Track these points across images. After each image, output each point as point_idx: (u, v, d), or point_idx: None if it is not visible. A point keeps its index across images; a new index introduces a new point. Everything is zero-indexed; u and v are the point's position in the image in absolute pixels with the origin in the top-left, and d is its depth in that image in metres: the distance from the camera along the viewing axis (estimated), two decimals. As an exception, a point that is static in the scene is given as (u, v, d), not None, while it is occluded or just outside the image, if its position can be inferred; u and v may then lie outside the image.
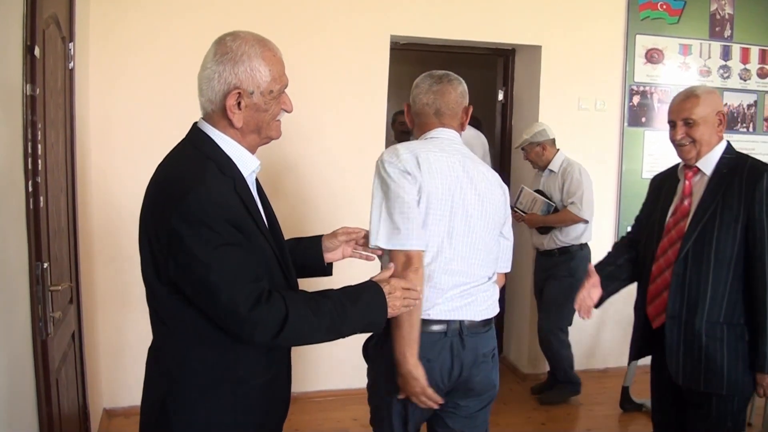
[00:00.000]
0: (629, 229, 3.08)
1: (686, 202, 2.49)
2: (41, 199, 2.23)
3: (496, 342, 2.28)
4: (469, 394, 2.17)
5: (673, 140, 2.50)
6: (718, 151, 2.46)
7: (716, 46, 4.91)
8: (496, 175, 2.30)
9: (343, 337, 1.71)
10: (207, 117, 1.70)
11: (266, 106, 1.67)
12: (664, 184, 2.67)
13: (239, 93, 1.62)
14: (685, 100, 2.46)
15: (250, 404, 1.68)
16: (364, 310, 1.73)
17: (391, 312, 1.79)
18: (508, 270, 2.37)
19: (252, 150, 1.73)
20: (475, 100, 6.37)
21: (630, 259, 2.81)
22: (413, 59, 5.24)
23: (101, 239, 3.81)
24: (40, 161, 2.21)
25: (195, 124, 1.74)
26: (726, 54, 4.93)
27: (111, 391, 3.91)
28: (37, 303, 2.15)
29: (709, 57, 4.90)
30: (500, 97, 5.08)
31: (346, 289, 1.75)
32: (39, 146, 2.21)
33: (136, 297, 3.88)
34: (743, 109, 5.02)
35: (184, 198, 1.51)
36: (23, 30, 2.10)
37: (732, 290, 2.36)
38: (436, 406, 2.06)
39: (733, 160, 2.43)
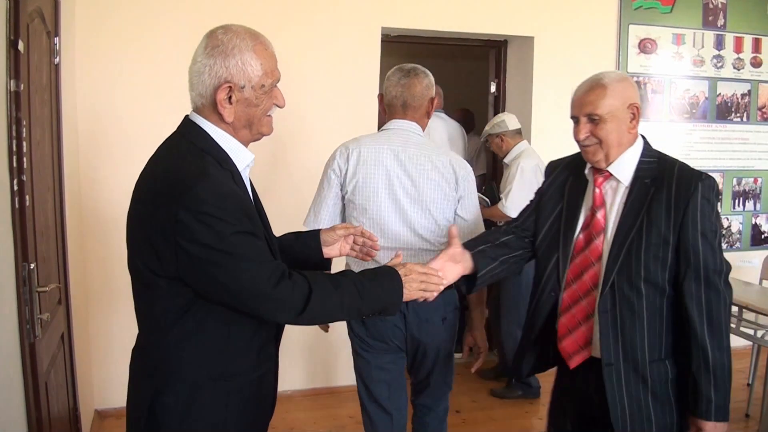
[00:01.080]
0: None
1: (599, 216, 2.04)
2: (27, 198, 2.17)
3: (447, 308, 2.54)
4: (423, 352, 2.56)
5: (576, 140, 2.08)
6: (633, 153, 2.02)
7: (709, 36, 4.87)
8: (446, 160, 2.52)
9: (361, 316, 1.76)
10: (198, 111, 1.67)
11: (257, 101, 1.63)
12: (567, 182, 2.23)
13: (230, 87, 1.59)
14: (589, 91, 2.03)
15: (241, 402, 1.65)
16: (381, 291, 1.71)
17: (407, 295, 1.77)
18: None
19: (245, 145, 1.69)
20: (467, 92, 6.35)
21: (507, 243, 2.26)
22: (404, 52, 5.19)
23: (91, 237, 3.74)
24: (25, 159, 2.16)
25: (187, 116, 1.71)
26: (719, 43, 4.90)
27: (102, 392, 3.84)
28: (24, 305, 2.09)
29: (703, 46, 4.86)
30: (492, 89, 5.03)
31: (363, 271, 1.75)
32: (24, 144, 2.15)
33: (127, 295, 3.80)
34: (737, 98, 4.99)
35: (190, 190, 1.48)
36: (6, 24, 2.04)
37: (669, 322, 1.97)
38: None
39: (655, 166, 1.99)
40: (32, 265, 2.13)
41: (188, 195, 1.47)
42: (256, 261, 1.53)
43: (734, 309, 3.69)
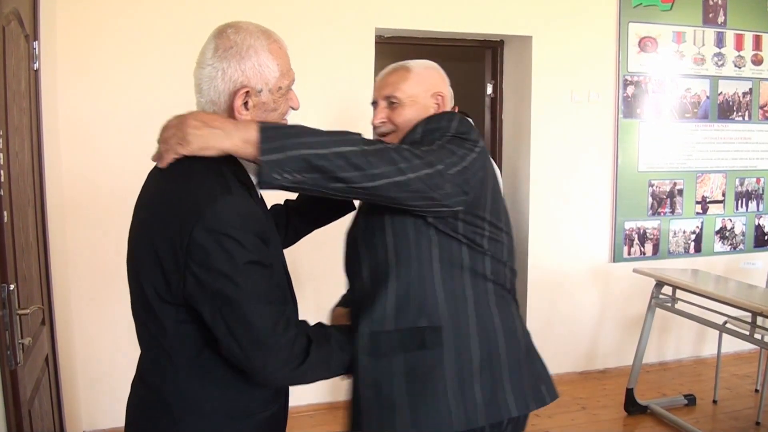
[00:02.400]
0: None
1: None
2: (5, 213, 2.02)
3: None
4: None
5: (372, 125, 1.86)
6: None
7: (710, 33, 4.77)
8: None
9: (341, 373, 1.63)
10: None
11: (275, 105, 1.50)
12: None
13: (247, 91, 1.44)
14: (391, 73, 1.84)
15: None
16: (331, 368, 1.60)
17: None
18: None
19: None
20: (462, 94, 6.16)
21: None
22: (399, 53, 5.06)
23: (76, 253, 3.59)
24: (2, 172, 2.01)
25: None
26: (720, 41, 4.80)
27: (90, 413, 3.69)
28: (4, 329, 1.95)
29: (703, 44, 4.76)
30: (489, 90, 4.91)
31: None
32: (1, 155, 2.01)
33: (114, 313, 3.68)
34: (738, 97, 4.89)
35: (208, 208, 1.32)
36: (-21, 26, 1.88)
37: None
38: None
39: None
40: (12, 287, 1.99)
41: (205, 214, 1.32)
42: (261, 303, 1.36)
43: (745, 314, 3.59)
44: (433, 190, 1.50)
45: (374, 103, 1.85)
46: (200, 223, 1.31)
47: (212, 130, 1.38)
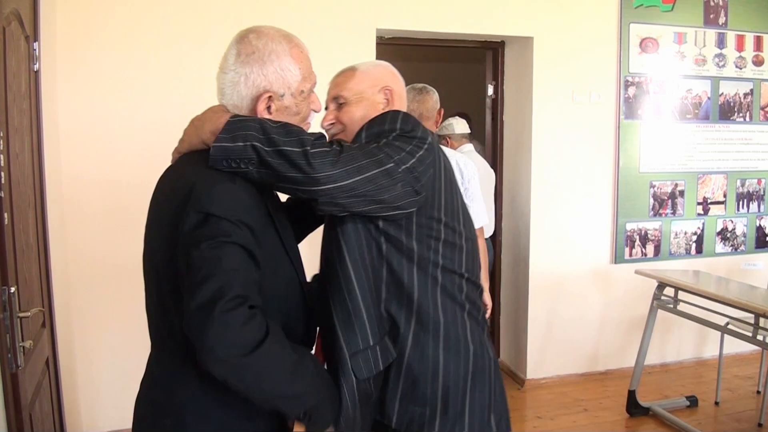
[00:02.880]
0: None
1: None
2: (6, 215, 2.01)
3: None
4: None
5: (321, 128, 1.78)
6: None
7: (711, 34, 4.76)
8: (453, 161, 2.94)
9: (300, 408, 1.40)
10: None
11: (297, 108, 1.51)
12: None
13: (270, 96, 1.46)
14: (338, 75, 1.79)
15: None
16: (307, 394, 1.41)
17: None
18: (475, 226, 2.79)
19: None
20: (463, 95, 6.19)
21: None
22: (399, 54, 5.05)
23: (76, 255, 3.57)
24: (3, 173, 2.00)
25: None
26: (721, 42, 4.79)
27: (90, 415, 3.67)
28: (5, 332, 1.93)
29: (704, 45, 4.75)
30: (490, 91, 4.90)
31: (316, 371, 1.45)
32: (1, 157, 1.99)
33: (114, 316, 3.68)
34: (740, 98, 4.88)
35: (207, 191, 1.33)
36: (-21, 26, 1.87)
37: None
38: None
39: None
40: (12, 289, 1.97)
41: (202, 196, 1.33)
42: (227, 279, 1.25)
43: (747, 315, 3.58)
44: (382, 192, 1.43)
45: (326, 106, 1.80)
46: (195, 206, 1.32)
47: (194, 127, 1.46)
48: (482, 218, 3.23)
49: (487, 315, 3.27)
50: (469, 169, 3.18)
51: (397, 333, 1.58)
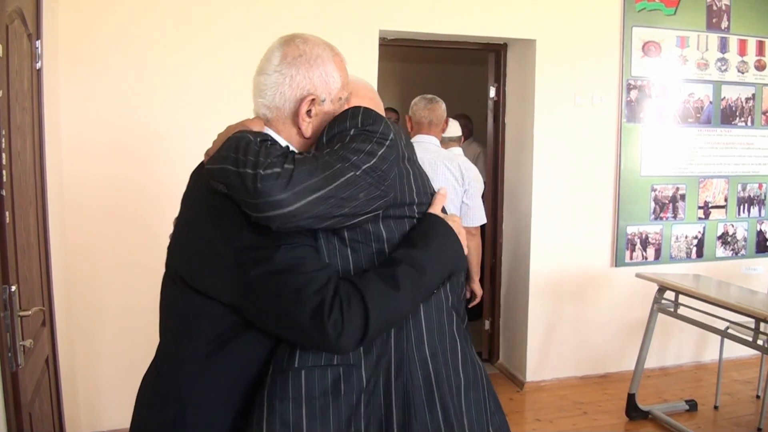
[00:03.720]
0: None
1: None
2: (7, 214, 2.00)
3: None
4: None
5: None
6: None
7: (713, 38, 4.76)
8: (455, 164, 3.54)
9: (432, 293, 1.47)
10: (268, 123, 1.53)
11: (335, 114, 1.51)
12: None
13: (313, 99, 1.47)
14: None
15: None
16: (441, 255, 1.46)
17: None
18: (475, 224, 3.60)
19: None
20: (465, 97, 6.22)
21: None
22: (402, 56, 5.06)
23: (77, 254, 3.56)
24: (4, 172, 1.99)
25: None
26: (723, 46, 4.79)
27: (89, 415, 3.66)
28: (5, 331, 1.92)
29: (707, 49, 4.75)
30: (492, 93, 4.90)
31: (413, 238, 1.46)
32: (3, 155, 1.99)
33: (115, 314, 3.67)
34: (741, 102, 4.88)
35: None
36: (-18, 25, 1.87)
37: None
38: None
39: None
40: (13, 288, 1.97)
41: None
42: (313, 284, 1.31)
43: (747, 319, 3.58)
44: (342, 206, 1.33)
45: None
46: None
47: (222, 136, 1.49)
48: (482, 217, 3.64)
49: (474, 303, 3.74)
50: (470, 172, 3.56)
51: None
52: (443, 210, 1.57)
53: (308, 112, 1.48)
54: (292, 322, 1.33)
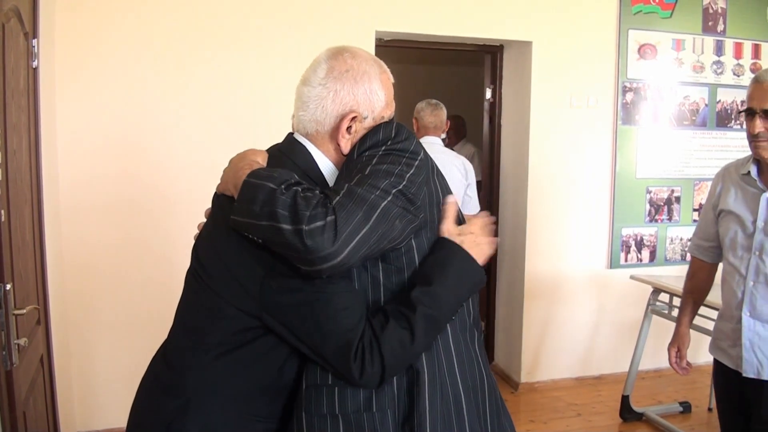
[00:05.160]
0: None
1: None
2: (2, 212, 2.00)
3: None
4: None
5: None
6: None
7: (709, 41, 4.78)
8: (460, 161, 3.90)
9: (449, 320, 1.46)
10: (306, 136, 1.50)
11: None
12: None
13: (354, 117, 1.44)
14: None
15: None
16: (459, 284, 1.44)
17: (482, 261, 1.49)
18: (473, 213, 3.53)
19: None
20: (461, 98, 6.24)
21: None
22: (398, 56, 5.06)
23: (72, 253, 3.56)
24: (0, 170, 2.00)
25: (292, 136, 1.54)
26: (719, 49, 4.81)
27: (84, 414, 3.65)
28: (0, 330, 1.91)
29: (702, 52, 4.77)
30: (488, 95, 4.91)
31: (429, 273, 1.42)
32: (-1, 153, 1.98)
33: (109, 313, 3.67)
34: (737, 105, 4.90)
35: None
36: (-21, 23, 1.87)
37: None
38: None
39: None
40: (8, 286, 1.96)
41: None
42: (343, 329, 1.33)
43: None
44: (382, 239, 1.31)
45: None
46: None
47: (227, 174, 1.48)
48: (477, 206, 4.02)
49: None
50: (471, 171, 3.96)
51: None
52: (458, 215, 1.54)
53: (348, 128, 1.45)
54: (319, 353, 1.36)
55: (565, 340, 4.71)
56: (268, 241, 1.29)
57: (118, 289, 3.67)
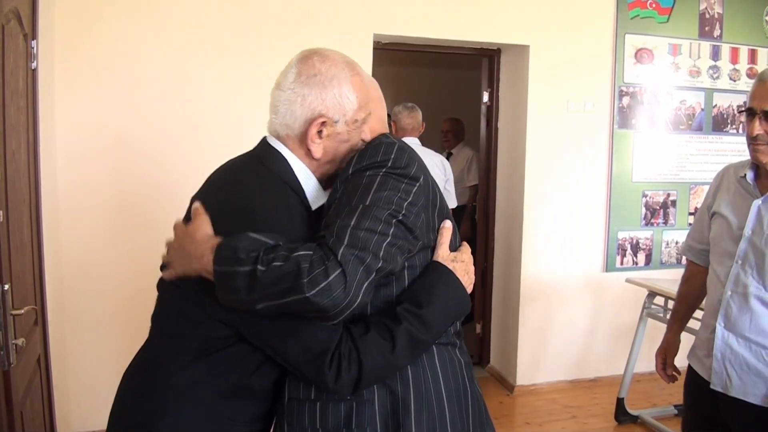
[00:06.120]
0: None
1: None
2: (1, 212, 2.01)
3: None
4: None
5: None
6: None
7: (706, 46, 4.80)
8: (438, 159, 4.37)
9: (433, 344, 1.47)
10: (279, 139, 1.51)
11: (348, 136, 1.49)
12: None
13: (324, 121, 1.44)
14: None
15: None
16: (446, 308, 1.45)
17: (469, 290, 1.51)
18: (452, 206, 4.23)
19: (322, 179, 1.53)
20: (458, 101, 6.28)
21: None
22: (396, 60, 5.09)
23: (70, 253, 3.56)
24: (-1, 171, 2.00)
25: (266, 141, 1.53)
26: (715, 54, 4.83)
27: (81, 414, 3.66)
28: (-2, 330, 1.93)
29: (699, 57, 4.79)
30: (485, 98, 4.92)
31: (418, 293, 1.43)
32: (-2, 154, 2.00)
33: (107, 314, 3.67)
34: (733, 110, 4.92)
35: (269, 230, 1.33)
36: (-21, 24, 1.88)
37: None
38: None
39: None
40: (6, 286, 1.97)
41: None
42: (313, 340, 1.34)
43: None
44: (388, 262, 1.32)
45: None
46: None
47: (181, 255, 1.41)
48: (455, 199, 4.52)
49: None
50: (449, 167, 4.44)
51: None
52: (453, 239, 1.54)
53: (319, 132, 1.45)
54: (292, 360, 1.36)
55: (560, 343, 4.72)
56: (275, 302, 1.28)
57: (115, 290, 3.67)
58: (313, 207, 1.49)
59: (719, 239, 2.25)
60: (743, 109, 2.13)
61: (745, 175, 2.20)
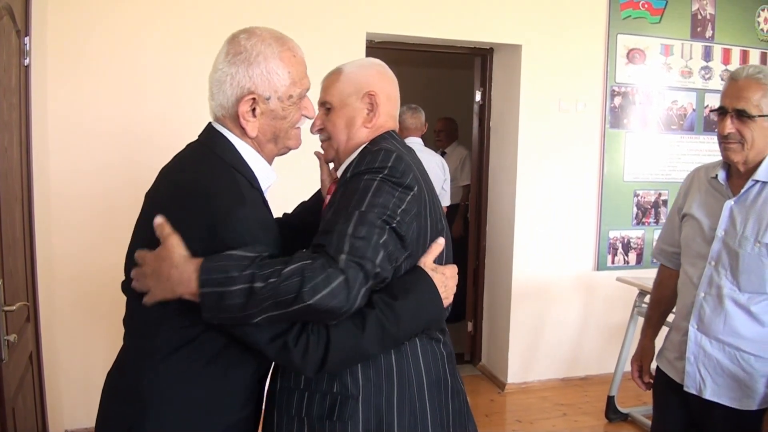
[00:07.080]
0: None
1: None
2: (-7, 209, 2.01)
3: None
4: None
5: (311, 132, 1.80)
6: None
7: (698, 47, 4.82)
8: (438, 159, 4.60)
9: (402, 343, 1.50)
10: (219, 122, 1.52)
11: (284, 113, 1.49)
12: None
13: (254, 98, 1.45)
14: (326, 77, 1.71)
15: None
16: (419, 308, 1.47)
17: (445, 303, 1.53)
18: (447, 204, 4.59)
19: (269, 161, 1.55)
20: (451, 101, 6.29)
21: None
22: (389, 58, 5.06)
23: (62, 250, 3.56)
24: (-9, 167, 2.00)
25: (210, 125, 1.55)
26: (707, 55, 4.85)
27: (72, 411, 3.66)
28: (-10, 326, 1.93)
29: (691, 58, 4.81)
30: (477, 97, 4.94)
31: (394, 288, 1.45)
32: (-10, 151, 2.00)
33: (97, 311, 3.67)
34: (724, 110, 4.94)
35: (226, 219, 1.34)
36: (-28, 21, 1.88)
37: None
38: None
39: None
40: (-2, 283, 1.98)
41: (223, 224, 1.34)
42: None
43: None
44: (386, 268, 1.39)
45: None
46: (219, 235, 1.34)
47: (158, 280, 1.37)
48: (449, 199, 4.69)
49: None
50: (446, 167, 4.58)
51: None
52: (440, 255, 1.57)
53: (253, 111, 1.45)
54: (259, 340, 1.37)
55: (551, 341, 4.74)
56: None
57: (107, 287, 3.66)
58: (264, 187, 1.50)
59: (691, 241, 2.23)
60: (714, 108, 2.12)
61: (717, 175, 2.18)
